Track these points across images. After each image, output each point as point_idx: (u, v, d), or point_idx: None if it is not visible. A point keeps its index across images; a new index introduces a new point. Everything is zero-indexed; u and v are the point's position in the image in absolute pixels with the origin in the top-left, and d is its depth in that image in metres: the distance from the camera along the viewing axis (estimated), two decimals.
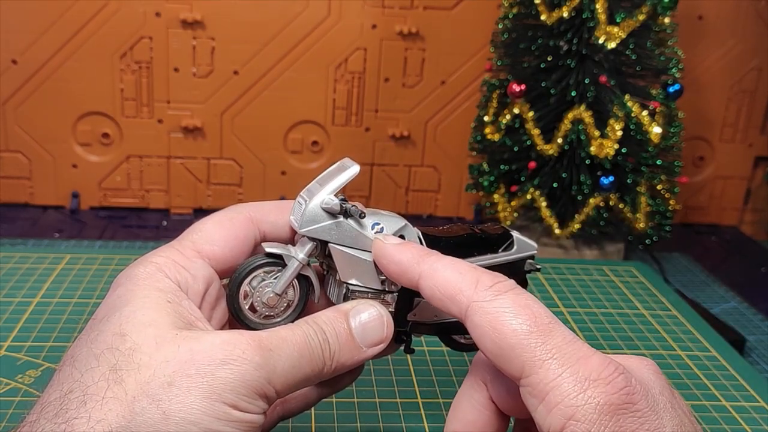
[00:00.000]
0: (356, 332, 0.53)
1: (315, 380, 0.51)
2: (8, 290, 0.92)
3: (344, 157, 0.58)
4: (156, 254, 0.53)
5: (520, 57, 1.17)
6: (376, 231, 0.55)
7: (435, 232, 0.57)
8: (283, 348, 0.49)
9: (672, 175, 1.17)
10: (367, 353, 0.53)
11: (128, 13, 1.24)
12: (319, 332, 0.51)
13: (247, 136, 1.34)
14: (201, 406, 0.45)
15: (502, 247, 0.58)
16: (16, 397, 0.72)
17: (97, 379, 0.45)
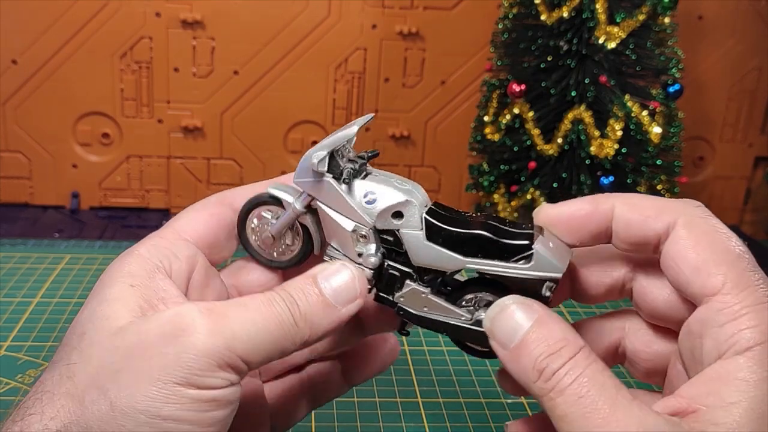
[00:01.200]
0: (326, 292, 0.49)
1: (292, 345, 0.47)
2: (8, 290, 0.92)
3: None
4: (139, 243, 0.52)
5: (520, 57, 1.17)
6: (367, 200, 0.52)
7: (446, 219, 0.51)
8: (242, 312, 0.46)
9: (672, 175, 1.17)
10: (343, 312, 0.49)
11: (128, 13, 1.24)
12: (285, 296, 0.48)
13: (247, 136, 1.34)
14: (148, 391, 0.42)
15: (516, 258, 0.50)
16: (16, 396, 0.72)
17: (54, 377, 0.45)
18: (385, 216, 0.51)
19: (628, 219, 0.48)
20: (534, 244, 0.49)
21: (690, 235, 0.45)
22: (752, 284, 0.43)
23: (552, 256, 0.49)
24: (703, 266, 0.44)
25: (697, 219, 0.46)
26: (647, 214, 0.47)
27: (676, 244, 0.46)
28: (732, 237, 0.46)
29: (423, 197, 0.52)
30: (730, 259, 0.44)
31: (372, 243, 0.52)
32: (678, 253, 0.46)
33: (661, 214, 0.47)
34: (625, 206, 0.48)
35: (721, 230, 0.46)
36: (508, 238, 0.49)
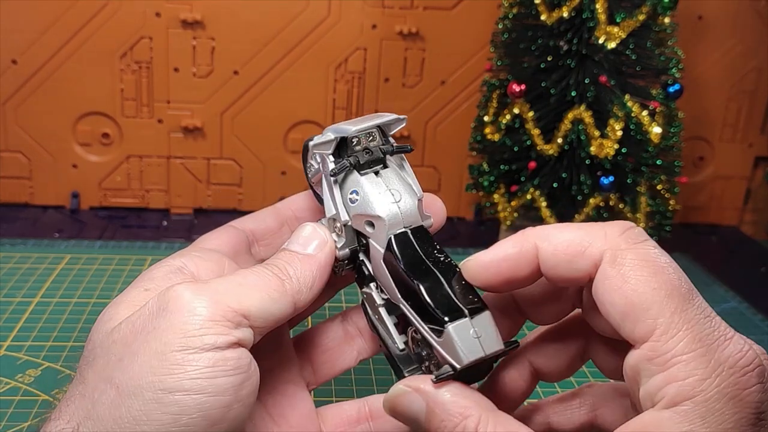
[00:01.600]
0: (295, 248, 0.51)
1: (288, 300, 0.48)
2: (8, 290, 0.92)
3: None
4: (170, 257, 0.52)
5: (520, 57, 1.16)
6: (350, 198, 0.50)
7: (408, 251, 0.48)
8: (226, 278, 0.47)
9: (672, 175, 1.17)
10: (321, 256, 0.50)
11: (128, 13, 1.24)
12: (263, 264, 0.49)
13: (247, 136, 1.34)
14: (149, 365, 0.42)
15: (431, 326, 0.45)
16: (16, 396, 0.72)
17: (71, 385, 0.46)
18: (360, 220, 0.50)
19: (553, 262, 0.45)
20: (452, 324, 0.44)
21: (615, 274, 0.42)
22: (684, 326, 0.40)
23: (463, 345, 0.44)
24: (631, 311, 0.41)
25: (624, 251, 0.42)
26: (571, 252, 0.44)
27: (603, 286, 0.42)
28: (663, 266, 0.42)
29: (407, 217, 0.49)
30: (660, 299, 0.41)
31: (343, 238, 0.51)
32: (605, 297, 0.42)
33: (586, 250, 0.43)
34: (548, 246, 0.45)
35: (651, 259, 0.42)
36: (438, 303, 0.45)
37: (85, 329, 0.84)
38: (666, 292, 0.41)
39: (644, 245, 0.43)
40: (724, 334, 0.41)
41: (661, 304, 0.40)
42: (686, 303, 0.41)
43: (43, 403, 0.71)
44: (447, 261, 0.48)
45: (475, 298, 0.46)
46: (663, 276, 0.41)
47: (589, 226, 0.45)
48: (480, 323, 0.44)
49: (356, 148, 0.51)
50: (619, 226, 0.44)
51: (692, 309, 0.41)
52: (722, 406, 0.39)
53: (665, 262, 0.42)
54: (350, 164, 0.50)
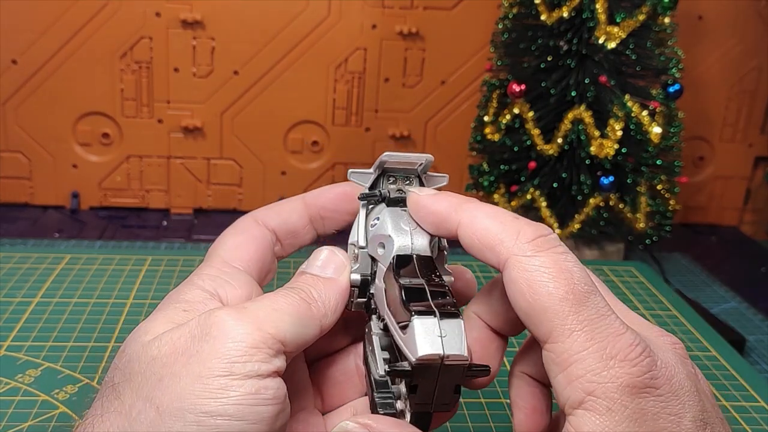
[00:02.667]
0: (315, 271, 0.50)
1: (315, 323, 0.48)
2: (8, 290, 0.92)
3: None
4: (192, 274, 0.52)
5: (520, 57, 1.17)
6: (372, 223, 0.51)
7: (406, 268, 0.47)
8: (260, 302, 0.46)
9: (672, 175, 1.17)
10: (341, 280, 0.50)
11: (128, 13, 1.24)
12: (289, 288, 0.49)
13: (247, 136, 1.34)
14: (192, 388, 0.42)
15: (400, 322, 0.45)
16: (16, 396, 0.72)
17: (103, 400, 0.45)
18: (374, 242, 0.50)
19: (468, 243, 0.47)
20: (419, 318, 0.43)
21: (519, 278, 0.43)
22: (578, 326, 0.42)
23: (423, 340, 0.42)
24: (532, 314, 0.43)
25: (529, 258, 0.44)
26: (483, 243, 0.46)
27: (508, 289, 0.44)
28: (565, 269, 0.43)
29: (417, 246, 0.49)
30: (556, 301, 0.42)
31: (357, 263, 0.51)
32: (511, 299, 0.44)
33: (496, 247, 0.45)
34: (466, 228, 0.47)
35: (553, 265, 0.43)
36: (412, 302, 0.44)
37: (85, 329, 0.84)
38: (561, 296, 0.42)
39: (552, 251, 0.44)
40: (616, 330, 0.42)
41: (557, 307, 0.42)
42: (581, 305, 0.42)
43: (43, 403, 0.71)
44: (439, 282, 0.47)
45: (452, 307, 0.44)
46: (561, 279, 0.43)
47: (508, 221, 0.46)
48: (449, 326, 0.43)
49: (391, 186, 0.52)
50: (532, 231, 0.45)
51: (587, 309, 0.42)
52: (621, 395, 0.41)
53: (568, 267, 0.44)
54: (380, 195, 0.51)
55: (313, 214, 0.57)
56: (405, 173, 0.53)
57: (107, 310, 0.89)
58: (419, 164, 0.52)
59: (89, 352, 0.80)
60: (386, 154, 0.50)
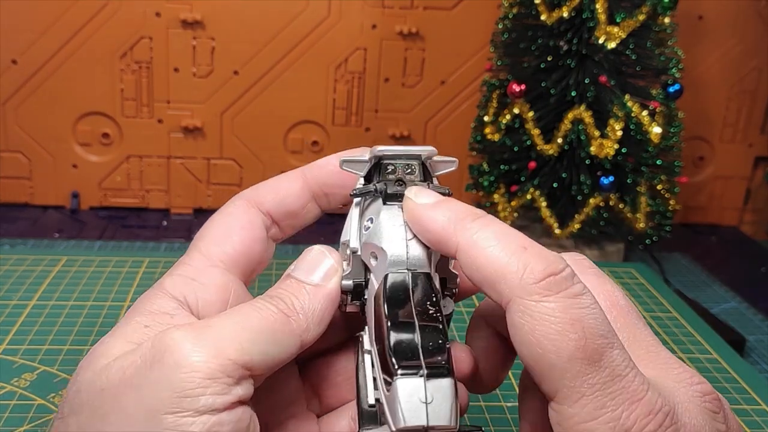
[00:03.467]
0: (300, 275, 0.45)
1: (293, 339, 0.42)
2: (4, 293, 0.92)
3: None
4: (165, 275, 0.47)
5: (520, 57, 1.16)
6: (365, 225, 0.45)
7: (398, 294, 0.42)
8: (226, 318, 0.42)
9: (672, 175, 1.17)
10: (330, 287, 0.45)
11: (128, 13, 1.24)
12: (266, 298, 0.44)
13: (247, 136, 1.33)
14: (138, 428, 0.38)
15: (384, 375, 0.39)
16: (11, 401, 0.72)
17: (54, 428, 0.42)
18: (367, 250, 0.45)
19: (467, 274, 0.41)
20: (402, 378, 0.38)
21: (524, 324, 0.37)
22: (588, 391, 0.36)
23: (406, 406, 0.37)
24: (537, 367, 0.38)
25: (532, 303, 0.37)
26: (482, 275, 0.39)
27: (512, 333, 0.39)
28: (576, 320, 0.37)
29: (414, 259, 0.43)
30: (563, 360, 0.37)
31: (349, 267, 0.46)
32: (516, 344, 0.39)
33: (497, 284, 0.39)
34: (465, 256, 0.40)
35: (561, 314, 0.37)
36: (398, 351, 0.39)
37: (82, 332, 0.84)
38: (570, 353, 0.36)
39: (562, 295, 0.38)
40: (634, 394, 0.37)
41: (563, 366, 0.37)
42: (593, 365, 0.37)
43: (39, 407, 0.71)
44: (434, 314, 0.41)
45: (444, 361, 0.39)
46: (571, 333, 0.37)
47: (514, 252, 0.39)
48: (436, 389, 0.38)
49: (390, 176, 0.46)
50: (542, 267, 0.38)
51: (600, 371, 0.37)
52: None
53: (580, 316, 0.37)
54: (375, 190, 0.45)
55: (315, 190, 0.51)
56: (406, 159, 0.47)
57: (104, 312, 0.88)
58: (422, 153, 0.47)
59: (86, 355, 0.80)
60: (379, 149, 0.46)
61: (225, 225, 0.50)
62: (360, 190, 0.46)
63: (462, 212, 0.42)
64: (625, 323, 0.43)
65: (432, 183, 0.47)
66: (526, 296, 0.38)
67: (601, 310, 0.38)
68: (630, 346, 0.40)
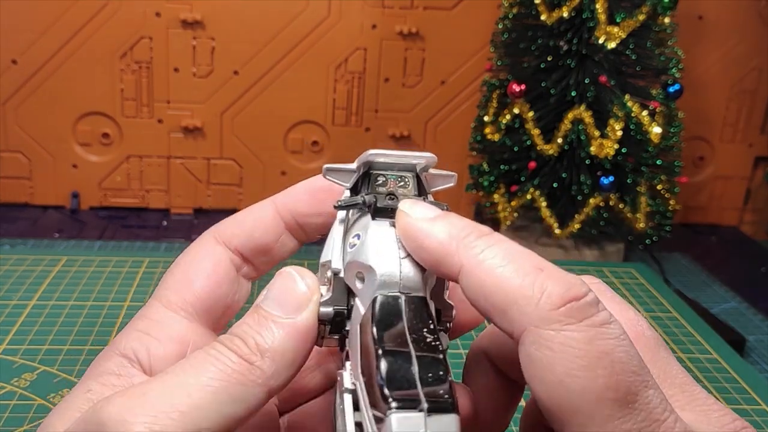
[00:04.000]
0: (269, 306, 0.38)
1: (256, 390, 0.36)
2: (4, 293, 0.91)
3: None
4: (121, 333, 0.42)
5: (520, 57, 1.17)
6: (350, 243, 0.39)
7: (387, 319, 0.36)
8: (168, 380, 0.35)
9: (672, 175, 1.17)
10: (301, 320, 0.37)
11: (128, 13, 1.24)
12: (227, 338, 0.37)
13: (247, 136, 1.33)
14: None
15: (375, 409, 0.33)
16: (11, 401, 0.72)
17: None
18: (352, 271, 0.39)
19: (472, 299, 0.35)
20: (398, 413, 0.31)
21: (540, 358, 0.32)
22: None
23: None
24: (557, 410, 0.32)
25: (551, 332, 0.32)
26: (492, 304, 0.33)
27: (526, 369, 0.33)
28: (604, 353, 0.31)
29: (407, 280, 0.37)
30: (590, 401, 0.31)
31: (330, 293, 0.39)
32: (530, 383, 0.33)
33: (509, 310, 0.33)
34: (470, 279, 0.34)
35: (587, 346, 0.31)
36: (392, 382, 0.32)
37: (82, 332, 0.84)
38: (598, 393, 0.31)
39: (586, 323, 0.32)
40: None
41: (590, 411, 0.31)
42: (626, 407, 0.31)
43: (39, 407, 0.71)
44: (432, 343, 0.35)
45: (446, 395, 0.32)
46: (599, 368, 0.31)
47: (527, 273, 0.33)
48: (438, 425, 0.31)
49: (379, 189, 0.40)
50: (562, 291, 0.32)
51: (634, 414, 0.31)
52: None
53: (609, 349, 0.32)
54: (363, 203, 0.40)
55: (288, 221, 0.45)
56: (398, 170, 0.41)
57: (104, 312, 0.88)
58: (415, 163, 0.41)
59: (85, 355, 0.80)
60: (371, 153, 0.40)
61: (187, 269, 0.44)
62: (345, 201, 0.40)
63: (465, 228, 0.35)
64: (654, 358, 0.36)
65: (428, 199, 0.41)
66: (543, 325, 0.32)
67: (631, 343, 0.33)
68: (662, 384, 0.35)
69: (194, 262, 0.44)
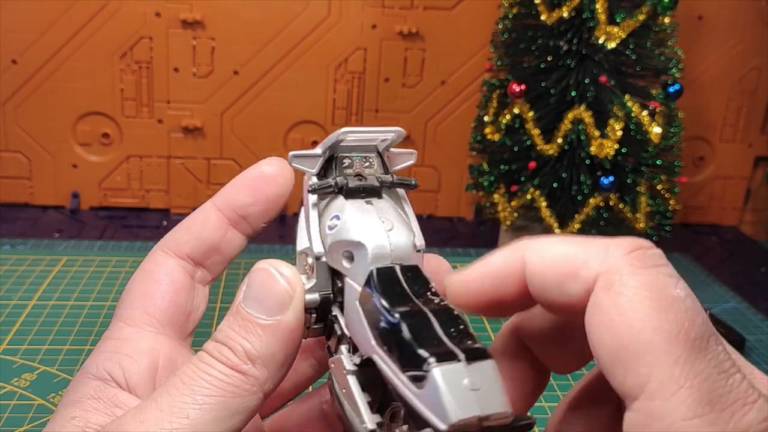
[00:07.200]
0: (250, 307, 0.37)
1: (254, 398, 0.36)
2: (4, 293, 0.92)
3: None
4: (90, 356, 0.42)
5: (520, 57, 1.16)
6: (329, 225, 0.39)
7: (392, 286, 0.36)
8: (162, 397, 0.35)
9: (672, 175, 1.17)
10: (285, 320, 0.37)
11: (128, 13, 1.24)
12: (211, 348, 0.37)
13: (247, 136, 1.33)
14: None
15: (410, 371, 0.32)
16: (11, 401, 0.72)
17: None
18: (338, 251, 0.39)
19: (541, 282, 0.34)
20: (439, 366, 0.31)
21: (609, 304, 0.31)
22: (688, 382, 0.30)
23: (452, 397, 0.31)
24: (622, 354, 0.31)
25: (625, 276, 0.32)
26: (561, 271, 0.34)
27: (592, 319, 0.32)
28: (675, 299, 0.31)
29: (398, 250, 0.38)
30: (660, 341, 0.30)
31: (313, 279, 0.40)
32: (593, 334, 0.32)
33: (579, 269, 0.33)
34: (536, 262, 0.35)
35: (660, 289, 0.31)
36: (422, 341, 0.33)
37: (82, 332, 0.84)
38: (669, 334, 0.30)
39: (656, 270, 0.32)
40: (744, 396, 0.30)
41: (662, 350, 0.30)
42: (696, 351, 0.30)
43: (39, 407, 0.71)
44: (441, 302, 0.36)
45: (476, 344, 0.33)
46: (671, 313, 0.31)
47: (590, 241, 0.34)
48: (479, 372, 0.32)
49: (347, 171, 0.41)
50: (627, 243, 0.33)
51: (702, 360, 0.30)
52: None
53: (680, 296, 0.32)
54: (335, 184, 0.40)
55: (230, 215, 0.45)
56: (362, 152, 0.42)
57: (104, 312, 0.89)
58: (381, 140, 0.42)
59: (85, 355, 0.79)
60: (345, 130, 0.41)
61: (144, 286, 0.44)
62: (319, 185, 0.40)
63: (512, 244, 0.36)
64: None
65: (394, 177, 0.42)
66: (614, 270, 0.32)
67: (701, 309, 0.32)
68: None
69: (149, 277, 0.44)
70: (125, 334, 0.42)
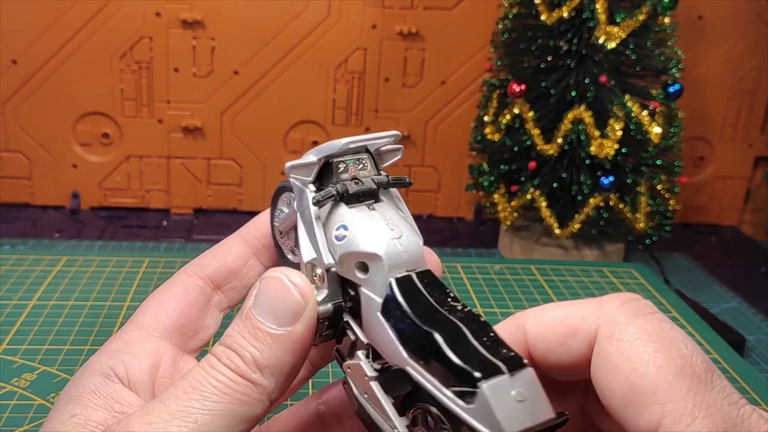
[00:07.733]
0: (260, 314, 0.37)
1: (261, 406, 0.37)
2: (4, 292, 0.91)
3: None
4: (96, 354, 0.43)
5: (520, 57, 1.16)
6: (336, 235, 0.40)
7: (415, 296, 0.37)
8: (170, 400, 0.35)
9: (672, 175, 1.17)
10: (296, 331, 0.37)
11: (128, 13, 1.24)
12: (219, 353, 0.37)
13: (247, 136, 1.33)
14: None
15: (457, 387, 0.33)
16: (11, 401, 0.72)
17: None
18: (349, 262, 0.39)
19: (544, 346, 0.37)
20: (487, 381, 0.32)
21: (613, 351, 0.34)
22: (701, 413, 0.31)
23: (504, 411, 0.32)
24: (632, 396, 0.32)
25: (624, 324, 0.34)
26: (562, 331, 0.36)
27: (599, 369, 0.34)
28: (674, 339, 0.33)
29: (410, 257, 0.39)
30: (669, 378, 0.32)
31: (325, 289, 0.40)
32: (602, 382, 0.34)
33: (579, 326, 0.35)
34: (536, 328, 0.37)
35: (657, 332, 0.34)
36: (463, 356, 0.34)
37: (82, 332, 0.84)
38: (676, 370, 0.32)
39: (651, 317, 0.35)
40: (757, 426, 0.31)
41: (671, 385, 0.32)
42: (704, 384, 0.32)
43: (39, 407, 0.71)
44: (467, 310, 0.37)
45: (511, 352, 0.34)
46: (673, 351, 0.33)
47: (582, 301, 0.36)
48: (523, 382, 0.33)
49: (343, 176, 0.41)
50: (619, 297, 0.36)
51: (711, 391, 0.32)
52: None
53: (676, 336, 0.34)
54: (337, 192, 0.40)
55: (254, 244, 0.47)
56: (354, 153, 0.42)
57: (104, 312, 0.88)
58: (375, 140, 0.43)
59: (85, 355, 0.80)
60: (346, 141, 0.41)
61: (159, 296, 0.46)
62: (322, 195, 0.40)
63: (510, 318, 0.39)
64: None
65: (389, 177, 0.43)
66: (612, 320, 0.34)
67: (698, 346, 0.34)
68: None
69: (167, 290, 0.46)
70: (132, 336, 0.43)
